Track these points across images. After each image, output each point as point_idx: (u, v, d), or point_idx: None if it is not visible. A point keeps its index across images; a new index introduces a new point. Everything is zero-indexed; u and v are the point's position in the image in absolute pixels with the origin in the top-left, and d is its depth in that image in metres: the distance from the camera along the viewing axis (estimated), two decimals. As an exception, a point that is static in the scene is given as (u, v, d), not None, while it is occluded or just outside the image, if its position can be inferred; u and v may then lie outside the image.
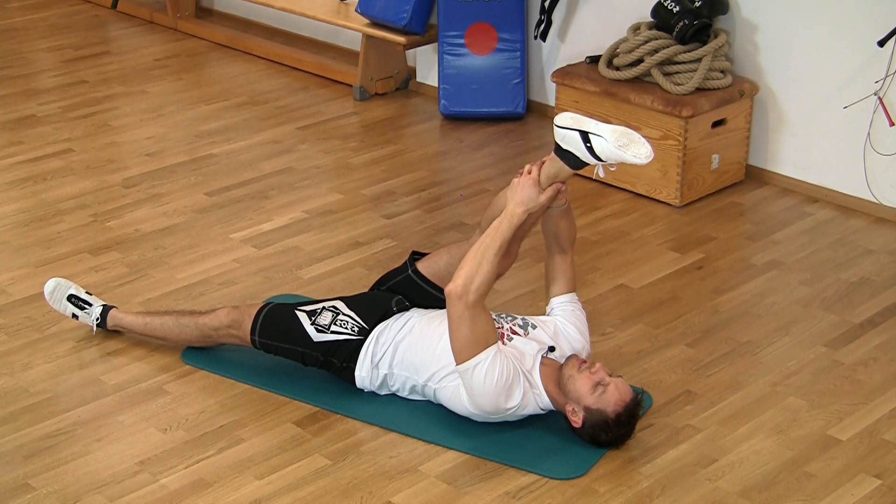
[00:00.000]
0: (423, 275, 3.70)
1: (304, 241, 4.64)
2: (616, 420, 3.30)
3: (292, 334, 3.62)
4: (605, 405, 3.29)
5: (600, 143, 3.31)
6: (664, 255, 4.56)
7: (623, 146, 3.30)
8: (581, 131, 3.34)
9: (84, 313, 3.93)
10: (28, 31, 7.15)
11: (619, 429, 3.32)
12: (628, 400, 3.30)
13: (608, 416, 3.29)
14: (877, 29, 4.60)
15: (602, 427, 3.31)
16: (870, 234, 4.72)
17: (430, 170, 5.33)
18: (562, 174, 3.44)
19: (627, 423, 3.32)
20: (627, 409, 3.30)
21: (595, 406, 3.30)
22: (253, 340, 3.69)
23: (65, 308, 3.95)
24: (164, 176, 5.20)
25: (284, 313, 3.68)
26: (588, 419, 3.31)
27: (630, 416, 3.32)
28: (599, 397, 3.29)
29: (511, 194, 3.44)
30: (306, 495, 3.24)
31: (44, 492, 3.24)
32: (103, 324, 3.93)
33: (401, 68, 6.20)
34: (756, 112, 5.11)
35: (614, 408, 3.29)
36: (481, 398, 3.34)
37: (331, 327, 3.60)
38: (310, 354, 3.61)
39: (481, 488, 3.26)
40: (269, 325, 3.66)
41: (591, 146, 3.33)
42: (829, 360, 3.87)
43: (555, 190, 3.45)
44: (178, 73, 6.48)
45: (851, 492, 3.25)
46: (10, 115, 5.87)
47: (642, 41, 4.94)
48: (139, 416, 3.56)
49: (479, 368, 3.29)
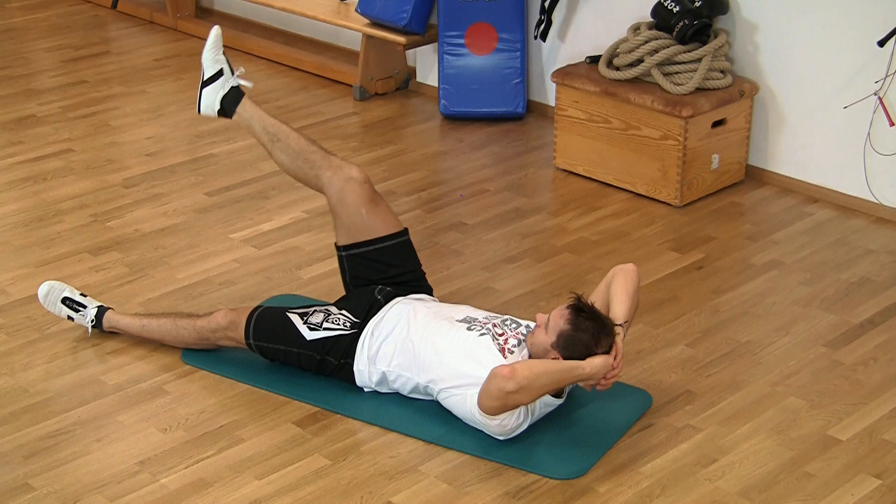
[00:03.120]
0: (349, 245, 3.76)
1: (304, 241, 4.64)
2: (575, 325, 3.34)
3: (285, 335, 3.63)
4: (559, 330, 3.35)
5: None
6: (664, 255, 4.56)
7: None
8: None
9: (79, 315, 3.93)
10: (28, 31, 7.15)
11: (584, 327, 3.34)
12: (566, 308, 3.37)
13: (569, 331, 3.34)
14: (877, 29, 4.60)
15: (575, 341, 3.34)
16: (870, 234, 4.72)
17: (430, 170, 5.33)
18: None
19: (587, 317, 3.35)
20: (574, 310, 3.36)
21: (555, 339, 3.35)
22: (248, 344, 3.69)
23: (60, 311, 3.95)
24: (164, 176, 5.20)
25: (276, 315, 3.70)
26: (564, 349, 3.34)
27: (579, 311, 3.36)
28: (552, 331, 3.36)
29: (596, 369, 3.37)
30: (306, 495, 3.24)
31: (44, 492, 3.24)
32: (98, 325, 3.92)
33: (401, 68, 6.20)
34: (756, 112, 5.11)
35: (564, 322, 3.35)
36: (496, 430, 3.40)
37: (323, 324, 3.61)
38: (305, 355, 3.62)
39: (481, 488, 3.26)
40: (261, 326, 3.67)
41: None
42: (829, 360, 3.87)
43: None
44: (178, 73, 6.48)
45: (851, 492, 3.25)
46: (10, 115, 5.87)
47: (642, 41, 4.94)
48: (139, 416, 3.56)
49: (496, 420, 3.35)
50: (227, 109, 3.92)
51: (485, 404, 3.30)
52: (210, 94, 3.93)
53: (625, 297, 3.51)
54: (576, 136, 5.18)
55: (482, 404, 3.31)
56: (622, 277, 3.57)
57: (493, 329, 3.50)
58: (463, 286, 4.29)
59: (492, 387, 3.25)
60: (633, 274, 3.57)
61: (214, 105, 3.92)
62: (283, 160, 3.84)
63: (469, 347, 3.44)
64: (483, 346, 3.44)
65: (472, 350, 3.43)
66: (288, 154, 3.82)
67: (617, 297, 3.52)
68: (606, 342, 3.36)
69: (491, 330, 3.49)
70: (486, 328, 3.50)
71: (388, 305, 3.66)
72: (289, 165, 3.84)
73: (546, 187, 5.18)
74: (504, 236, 4.69)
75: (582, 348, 3.33)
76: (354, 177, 3.74)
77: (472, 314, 3.61)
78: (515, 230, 4.75)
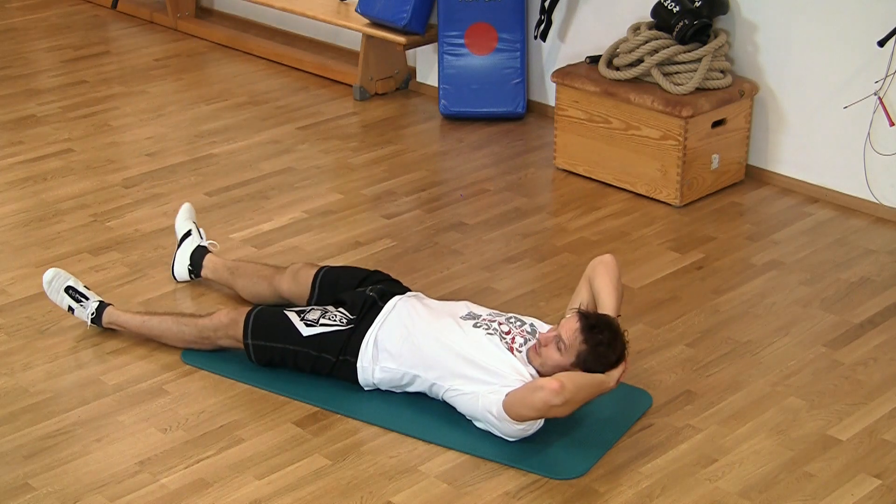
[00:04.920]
0: (330, 267, 3.94)
1: (304, 241, 4.64)
2: (593, 342, 3.34)
3: (282, 332, 3.63)
4: (577, 348, 3.34)
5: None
6: (664, 255, 4.56)
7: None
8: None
9: (80, 307, 3.92)
10: (28, 31, 7.15)
11: (600, 341, 3.34)
12: (579, 328, 3.35)
13: (588, 350, 3.34)
14: (877, 29, 4.60)
15: (597, 356, 3.35)
16: (870, 234, 4.72)
17: (430, 170, 5.33)
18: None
19: (600, 330, 3.35)
20: (585, 328, 3.35)
21: (573, 358, 3.35)
22: (246, 345, 3.69)
23: (61, 300, 3.94)
24: (164, 176, 5.20)
25: (274, 313, 3.71)
26: (586, 366, 3.35)
27: (592, 327, 3.35)
28: (568, 351, 3.35)
29: (617, 380, 3.41)
30: (306, 495, 3.24)
31: (44, 492, 3.24)
32: (98, 320, 3.92)
33: (401, 68, 6.20)
34: (756, 112, 5.11)
35: (580, 342, 3.34)
36: (511, 433, 3.40)
37: (319, 321, 3.62)
38: (302, 353, 3.62)
39: (481, 488, 3.26)
40: (259, 325, 3.67)
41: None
42: (829, 360, 3.87)
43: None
44: (178, 73, 6.48)
45: (851, 492, 3.25)
46: (10, 115, 5.87)
47: (642, 41, 4.94)
48: (139, 416, 3.56)
49: (521, 426, 3.36)
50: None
51: (519, 413, 3.30)
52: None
53: (611, 289, 3.54)
54: (576, 136, 5.18)
55: (515, 412, 3.31)
56: (603, 270, 3.58)
57: (500, 327, 3.51)
58: (463, 286, 4.29)
59: (535, 398, 3.25)
60: (613, 264, 3.60)
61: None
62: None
63: (477, 346, 3.44)
64: (492, 344, 3.44)
65: (480, 348, 3.43)
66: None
67: (603, 291, 3.54)
68: (620, 346, 3.39)
69: (497, 329, 3.50)
70: (492, 327, 3.50)
71: (391, 303, 3.65)
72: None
73: (546, 187, 5.18)
74: (504, 236, 4.70)
75: (604, 360, 3.37)
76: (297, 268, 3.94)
77: (476, 310, 3.61)
78: (515, 230, 4.75)
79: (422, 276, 4.35)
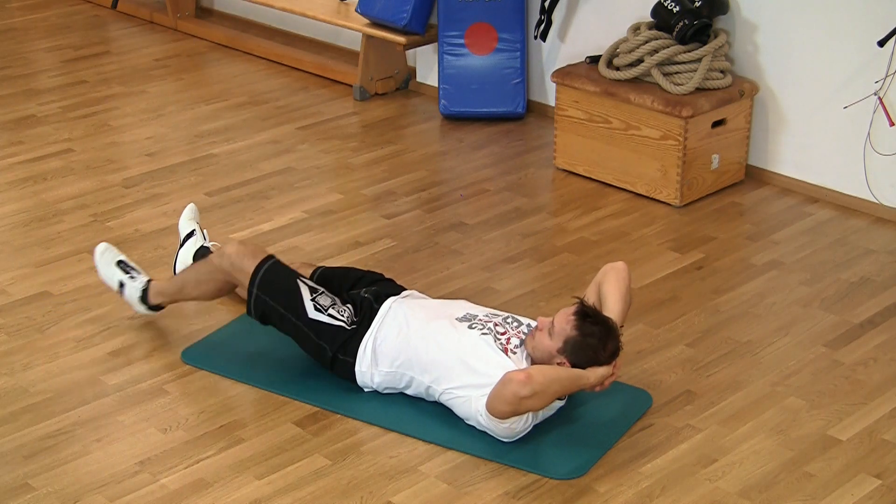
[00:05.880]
0: (326, 267, 3.92)
1: (304, 241, 4.64)
2: (582, 331, 3.34)
3: (289, 300, 3.60)
4: (566, 334, 3.34)
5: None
6: (664, 255, 4.56)
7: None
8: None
9: (131, 281, 3.93)
10: (28, 31, 7.15)
11: (591, 332, 3.34)
12: (572, 312, 3.36)
13: (577, 337, 3.34)
14: (877, 29, 4.60)
15: (583, 346, 3.34)
16: (870, 234, 4.72)
17: (430, 170, 5.33)
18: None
19: (593, 322, 3.36)
20: (579, 315, 3.35)
21: (562, 344, 3.35)
22: (250, 292, 3.64)
23: (112, 274, 3.95)
24: (164, 176, 5.20)
25: (287, 275, 3.66)
26: (572, 356, 3.35)
27: (586, 316, 3.35)
28: (558, 337, 3.35)
29: (598, 379, 3.39)
30: (306, 495, 3.24)
31: (44, 492, 3.24)
32: (145, 298, 3.92)
33: (401, 68, 6.20)
34: (756, 112, 5.11)
35: (571, 328, 3.34)
36: (503, 433, 3.39)
37: (328, 310, 3.60)
38: (302, 331, 3.60)
39: (481, 488, 3.26)
40: (269, 278, 3.63)
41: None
42: (829, 360, 3.87)
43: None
44: (178, 73, 6.48)
45: (851, 492, 3.25)
46: (10, 115, 5.87)
47: (642, 41, 4.94)
48: (139, 416, 3.56)
49: (505, 424, 3.34)
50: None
51: (496, 408, 3.30)
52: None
53: (618, 297, 3.53)
54: (576, 136, 5.18)
55: (492, 408, 3.31)
56: (614, 277, 3.57)
57: (496, 328, 3.50)
58: (463, 286, 4.29)
59: (506, 391, 3.25)
60: (625, 273, 3.58)
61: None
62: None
63: (471, 348, 3.44)
64: (486, 346, 3.43)
65: (474, 350, 3.43)
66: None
67: (610, 297, 3.53)
68: (612, 346, 3.38)
69: (493, 329, 3.49)
70: (487, 327, 3.50)
71: (386, 305, 3.64)
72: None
73: (546, 187, 5.18)
74: (504, 236, 4.70)
75: (590, 353, 3.35)
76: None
77: (472, 311, 3.61)
78: (515, 230, 4.75)
79: (422, 276, 4.35)
